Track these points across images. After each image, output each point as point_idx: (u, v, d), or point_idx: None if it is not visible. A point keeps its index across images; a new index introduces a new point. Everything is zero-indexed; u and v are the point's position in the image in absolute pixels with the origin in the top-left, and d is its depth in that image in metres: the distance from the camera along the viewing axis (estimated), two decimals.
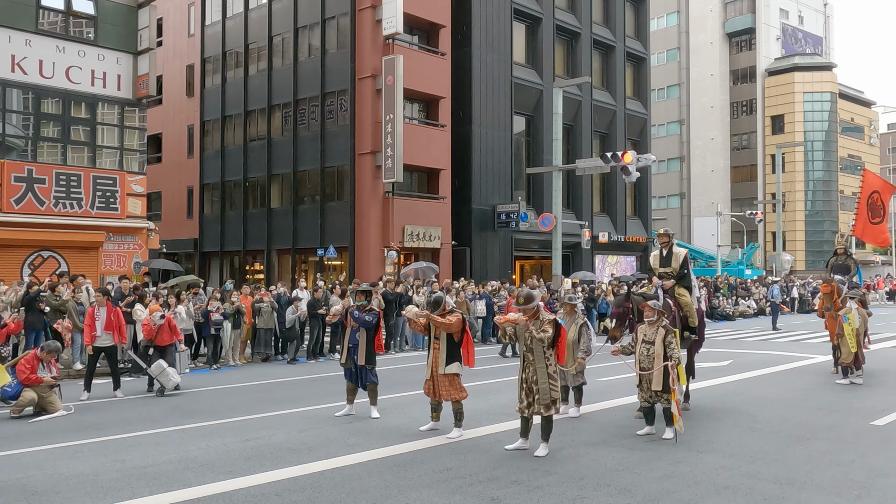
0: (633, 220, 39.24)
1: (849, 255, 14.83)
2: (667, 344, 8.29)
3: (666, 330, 8.39)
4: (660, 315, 8.51)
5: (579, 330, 9.69)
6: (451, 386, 8.59)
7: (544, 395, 7.54)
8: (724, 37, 62.15)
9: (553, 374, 7.62)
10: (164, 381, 11.96)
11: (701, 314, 10.87)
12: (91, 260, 21.13)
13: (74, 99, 21.37)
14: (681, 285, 10.15)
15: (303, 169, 29.71)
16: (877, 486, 6.58)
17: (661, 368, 8.21)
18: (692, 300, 10.15)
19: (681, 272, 10.18)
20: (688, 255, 10.29)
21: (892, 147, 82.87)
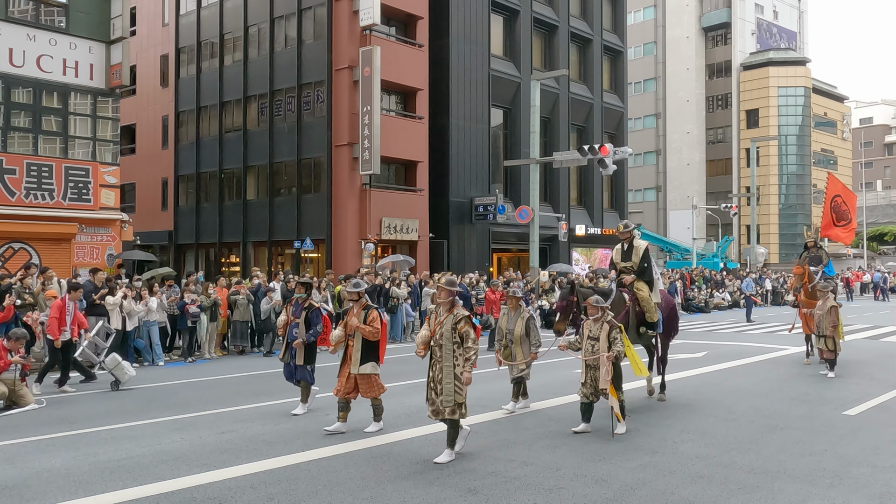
0: (610, 213, 39.44)
1: (819, 247, 15.18)
2: (612, 340, 8.03)
3: (611, 325, 8.11)
4: (603, 311, 8.21)
5: (526, 324, 9.46)
6: (369, 384, 8.32)
7: (447, 398, 7.12)
8: (699, 31, 62.58)
9: (461, 374, 7.14)
10: (118, 375, 11.74)
11: (674, 306, 10.71)
12: (63, 252, 20.82)
13: (46, 88, 21.02)
14: (641, 279, 9.84)
15: (279, 160, 29.49)
16: (848, 475, 6.67)
17: (608, 367, 7.94)
18: (654, 294, 9.86)
19: (641, 266, 9.86)
20: (649, 249, 10.03)
21: (865, 142, 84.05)
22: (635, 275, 9.83)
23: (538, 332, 9.50)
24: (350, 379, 8.31)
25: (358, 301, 8.45)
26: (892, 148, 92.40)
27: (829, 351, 12.73)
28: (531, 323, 9.49)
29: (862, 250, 62.07)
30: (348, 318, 8.42)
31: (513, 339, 9.47)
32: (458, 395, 7.14)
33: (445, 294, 7.37)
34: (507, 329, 9.56)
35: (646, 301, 9.74)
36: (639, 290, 9.76)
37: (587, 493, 6.16)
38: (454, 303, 7.37)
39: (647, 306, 9.75)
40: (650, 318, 9.76)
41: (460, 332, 7.19)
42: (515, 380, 9.67)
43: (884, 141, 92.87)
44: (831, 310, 12.65)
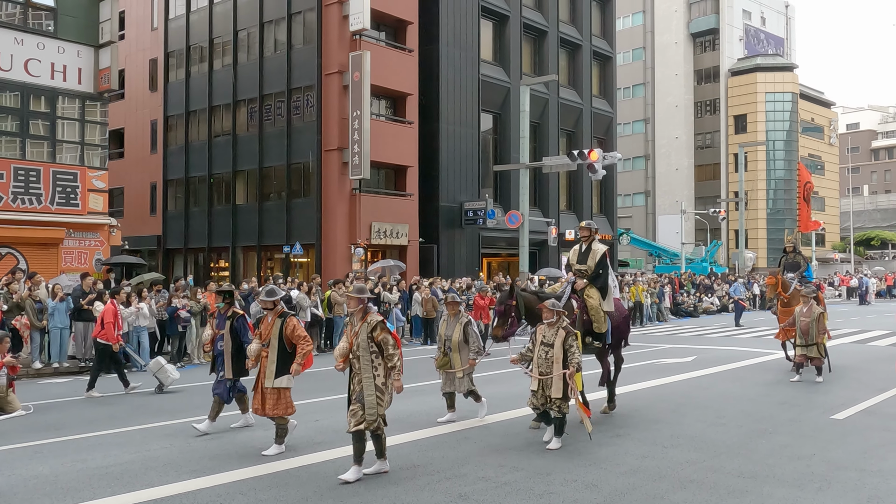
0: (600, 218, 39.52)
1: (798, 252, 15.03)
2: (567, 347, 7.67)
3: (566, 332, 7.74)
4: (559, 316, 7.83)
5: (464, 329, 9.14)
6: (278, 401, 7.74)
7: (370, 410, 6.66)
8: (688, 37, 62.90)
9: (382, 385, 6.77)
10: (162, 378, 11.84)
11: (627, 315, 10.15)
12: (51, 257, 20.71)
13: (34, 92, 20.92)
14: (593, 286, 9.19)
15: (268, 165, 29.42)
16: (836, 479, 6.70)
17: (560, 374, 7.61)
18: (606, 303, 9.22)
19: (595, 271, 9.19)
20: (607, 254, 9.36)
21: (851, 147, 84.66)
22: (588, 280, 9.22)
23: (478, 337, 9.20)
24: (261, 394, 7.80)
25: (273, 309, 7.93)
26: (879, 153, 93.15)
27: (819, 357, 12.54)
28: (469, 329, 9.16)
29: (849, 255, 62.47)
30: (262, 328, 7.92)
31: (451, 346, 9.13)
32: (380, 406, 6.73)
33: (355, 302, 6.94)
34: (446, 336, 9.22)
35: (594, 310, 9.12)
36: (588, 298, 9.15)
37: (577, 497, 6.17)
38: (367, 310, 6.96)
39: (596, 315, 9.12)
40: (598, 328, 9.16)
41: (377, 340, 6.78)
42: (447, 394, 9.27)
43: (870, 146, 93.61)
44: (820, 317, 12.52)
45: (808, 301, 12.76)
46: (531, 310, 8.60)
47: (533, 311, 8.57)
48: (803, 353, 12.61)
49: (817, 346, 12.53)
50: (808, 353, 12.58)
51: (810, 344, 12.51)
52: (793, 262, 14.83)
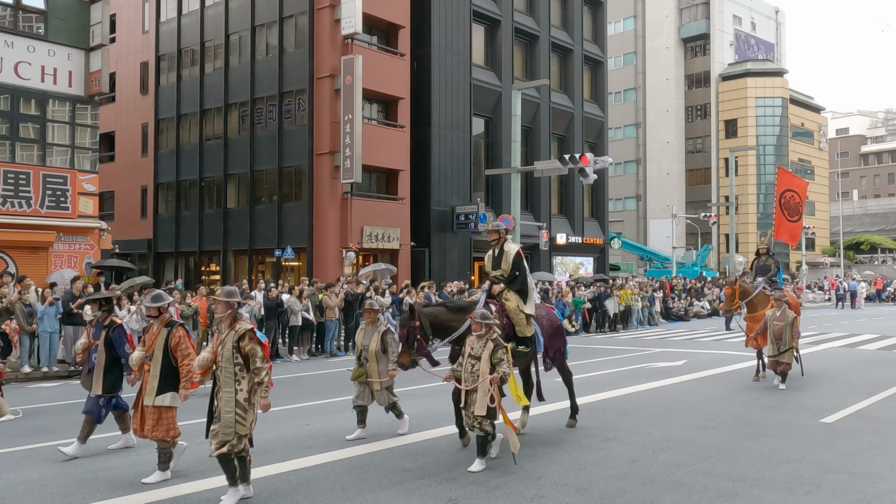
0: (591, 222, 39.64)
1: (771, 255, 14.52)
2: (495, 361, 7.11)
3: (495, 344, 7.19)
4: (489, 328, 7.27)
5: (382, 338, 8.62)
6: (158, 421, 7.00)
7: (227, 429, 6.03)
8: (679, 42, 63.17)
9: (244, 402, 6.12)
10: None
11: (559, 325, 9.36)
12: (41, 260, 20.60)
13: (24, 95, 20.82)
14: (510, 289, 8.49)
15: (260, 169, 29.38)
16: (826, 482, 6.74)
17: (486, 392, 7.04)
18: (527, 306, 8.49)
19: (511, 273, 8.48)
20: (521, 254, 8.64)
21: (841, 152, 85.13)
22: (505, 283, 8.52)
23: (398, 346, 8.35)
24: (140, 411, 7.10)
25: (158, 317, 7.15)
26: (868, 158, 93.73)
27: (787, 364, 12.14)
28: (388, 337, 8.65)
29: (839, 259, 62.78)
30: (146, 337, 7.22)
31: (367, 356, 8.60)
32: (241, 425, 6.08)
33: (223, 307, 6.28)
34: (363, 345, 8.69)
35: (514, 312, 8.39)
36: (506, 301, 8.45)
37: (568, 501, 6.18)
38: (236, 317, 6.30)
39: (516, 317, 8.38)
40: (521, 331, 8.38)
41: (244, 351, 6.12)
42: (359, 407, 8.67)
43: (860, 151, 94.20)
44: (794, 321, 12.23)
45: (781, 305, 12.39)
46: (441, 325, 8.00)
47: (444, 325, 8.00)
48: (775, 360, 12.17)
49: (790, 352, 12.15)
50: (780, 359, 12.12)
51: (784, 350, 12.09)
52: (764, 266, 14.35)
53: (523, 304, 8.43)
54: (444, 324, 8.02)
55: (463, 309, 8.16)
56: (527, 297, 8.50)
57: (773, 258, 14.41)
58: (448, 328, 8.02)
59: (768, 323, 12.31)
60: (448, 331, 8.03)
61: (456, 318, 8.05)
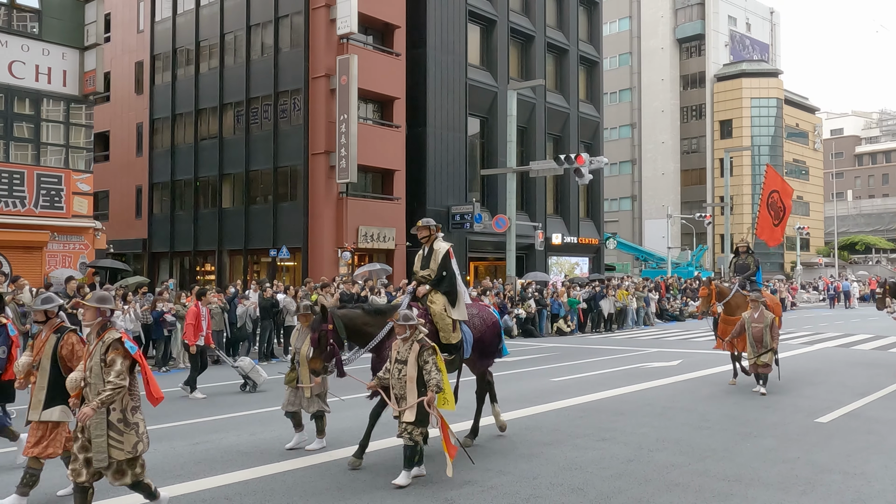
0: (586, 222, 39.68)
1: (750, 252, 13.89)
2: (421, 363, 6.66)
3: (421, 346, 6.71)
4: (413, 329, 6.79)
5: None
6: (42, 438, 6.14)
7: (99, 454, 5.33)
8: (674, 42, 63.29)
9: (118, 423, 5.38)
10: (255, 378, 12.15)
11: (494, 324, 8.50)
12: (35, 260, 20.54)
13: (18, 94, 20.77)
14: (438, 290, 7.85)
15: (255, 168, 29.34)
16: (821, 482, 6.74)
17: (415, 398, 6.62)
18: (456, 309, 7.84)
19: (438, 274, 7.89)
20: (451, 253, 8.04)
21: (836, 152, 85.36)
22: (431, 285, 7.90)
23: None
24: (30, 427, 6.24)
25: (46, 322, 6.30)
26: (863, 158, 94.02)
27: (767, 366, 11.62)
28: None
29: (833, 259, 62.96)
30: (34, 344, 6.38)
31: (300, 359, 8.10)
32: (117, 449, 5.36)
33: (92, 314, 5.52)
34: (296, 348, 8.26)
35: (438, 316, 7.72)
36: (431, 304, 7.82)
37: (563, 501, 6.17)
38: (107, 325, 5.55)
39: (441, 323, 7.70)
40: (445, 337, 7.69)
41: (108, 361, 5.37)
42: (291, 413, 8.16)
43: (854, 151, 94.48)
44: (773, 322, 11.77)
45: (758, 306, 11.89)
46: (357, 329, 7.46)
47: (360, 329, 7.47)
48: (755, 363, 11.65)
49: (769, 354, 11.63)
50: (759, 361, 11.57)
51: (764, 352, 11.57)
52: (742, 264, 13.72)
53: (451, 308, 7.79)
54: (360, 328, 7.47)
55: (382, 312, 7.65)
56: (455, 301, 7.87)
57: (752, 256, 13.80)
58: (365, 333, 7.49)
59: (746, 325, 11.80)
60: (366, 336, 7.49)
61: (374, 322, 7.52)
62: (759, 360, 11.60)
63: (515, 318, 23.44)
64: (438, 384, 6.61)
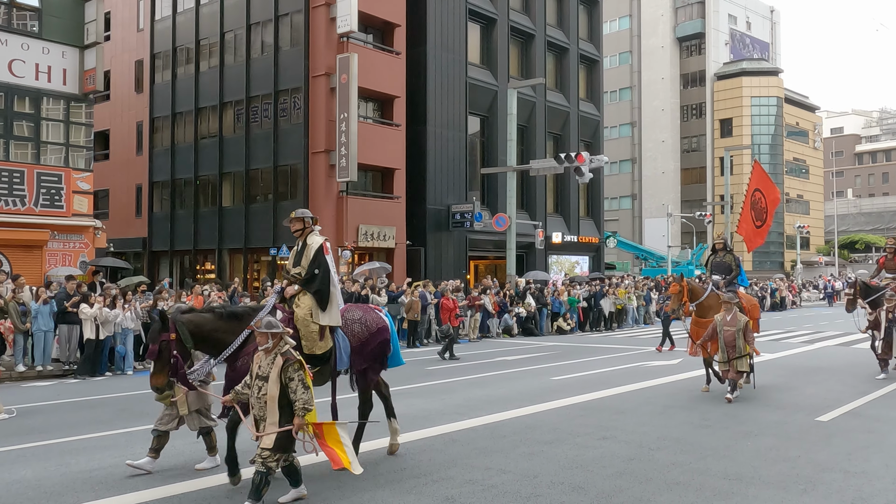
0: (586, 221, 39.67)
1: (728, 250, 12.95)
2: (286, 381, 5.79)
3: (286, 359, 5.81)
4: (277, 338, 5.90)
5: None
6: None
7: None
8: (674, 41, 63.28)
9: None
10: None
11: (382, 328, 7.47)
12: (35, 259, 20.55)
13: (18, 93, 20.76)
14: (307, 291, 6.94)
15: (255, 167, 29.33)
16: (821, 481, 6.74)
17: (275, 421, 5.81)
18: (326, 314, 6.92)
19: (309, 272, 6.97)
20: (326, 248, 7.10)
21: (836, 151, 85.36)
22: (300, 285, 7.01)
23: (205, 360, 7.04)
24: None
25: None
26: (863, 157, 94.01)
27: (741, 372, 10.88)
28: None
29: (833, 258, 62.96)
30: None
31: None
32: None
33: None
34: None
35: (303, 322, 6.84)
36: (297, 307, 6.93)
37: (564, 500, 6.17)
38: None
39: (305, 329, 6.83)
40: (308, 347, 6.80)
41: None
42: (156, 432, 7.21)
43: (854, 150, 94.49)
44: (747, 326, 10.96)
45: (731, 308, 11.12)
46: (207, 336, 6.51)
47: (211, 336, 6.52)
48: (725, 368, 10.93)
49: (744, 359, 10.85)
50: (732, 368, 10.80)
51: (738, 357, 10.78)
52: (720, 263, 12.74)
53: (319, 312, 6.87)
54: (210, 335, 6.52)
55: (238, 316, 6.67)
56: (326, 303, 6.90)
57: (731, 254, 12.84)
58: (218, 341, 6.54)
59: (718, 329, 11.00)
60: (219, 344, 6.54)
61: (228, 329, 6.58)
62: (733, 365, 10.77)
63: (516, 316, 23.45)
64: (307, 405, 5.78)
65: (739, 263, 12.79)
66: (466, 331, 21.91)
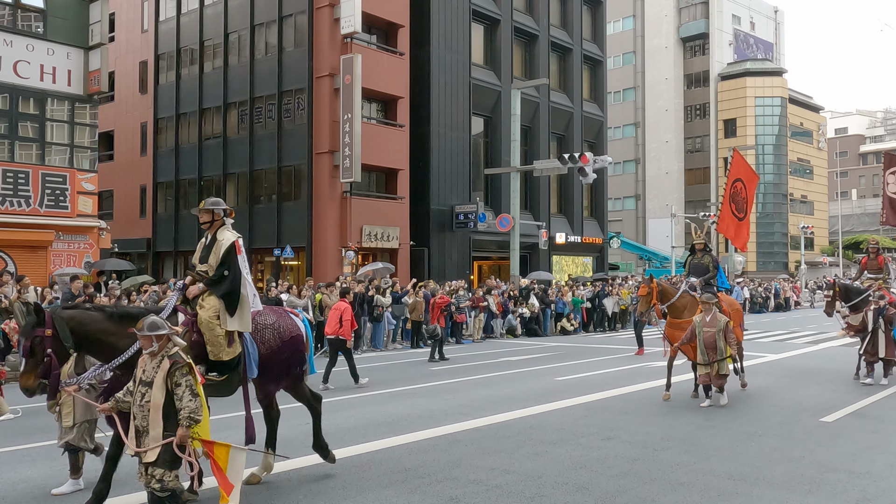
0: (590, 222, 39.64)
1: (708, 251, 12.39)
2: (172, 386, 5.09)
3: (172, 363, 5.13)
4: (163, 340, 5.22)
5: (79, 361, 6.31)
6: None
7: None
8: (678, 41, 63.18)
9: None
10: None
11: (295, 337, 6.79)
12: (40, 259, 20.60)
13: (23, 94, 20.81)
14: (213, 293, 6.24)
15: (259, 168, 29.36)
16: (826, 481, 6.74)
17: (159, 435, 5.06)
18: (236, 319, 6.25)
19: (218, 272, 6.29)
20: (238, 247, 6.41)
21: (840, 151, 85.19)
22: (206, 284, 6.33)
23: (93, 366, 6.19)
24: None
25: None
26: (867, 157, 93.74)
27: (724, 376, 10.42)
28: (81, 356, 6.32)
29: (838, 258, 62.83)
30: None
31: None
32: None
33: None
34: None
35: (207, 326, 6.16)
36: (201, 308, 6.25)
37: (568, 500, 6.17)
38: None
39: (210, 334, 6.16)
40: (213, 353, 6.17)
41: None
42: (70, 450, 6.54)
43: (858, 151, 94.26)
44: (727, 326, 10.49)
45: (710, 309, 10.63)
46: (92, 337, 5.72)
47: (95, 337, 5.73)
48: (708, 373, 10.43)
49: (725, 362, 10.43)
50: (713, 371, 10.38)
51: (719, 360, 10.34)
52: (698, 264, 12.13)
53: (227, 316, 6.22)
54: (97, 337, 5.73)
55: (133, 317, 5.76)
56: (235, 307, 6.25)
57: (709, 255, 12.28)
58: (108, 345, 5.75)
59: (697, 330, 10.48)
60: (109, 349, 5.75)
61: (120, 332, 5.76)
62: (712, 370, 10.35)
63: (519, 317, 23.46)
64: (193, 415, 5.04)
65: (718, 264, 12.27)
66: (470, 331, 21.93)
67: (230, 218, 6.68)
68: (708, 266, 12.04)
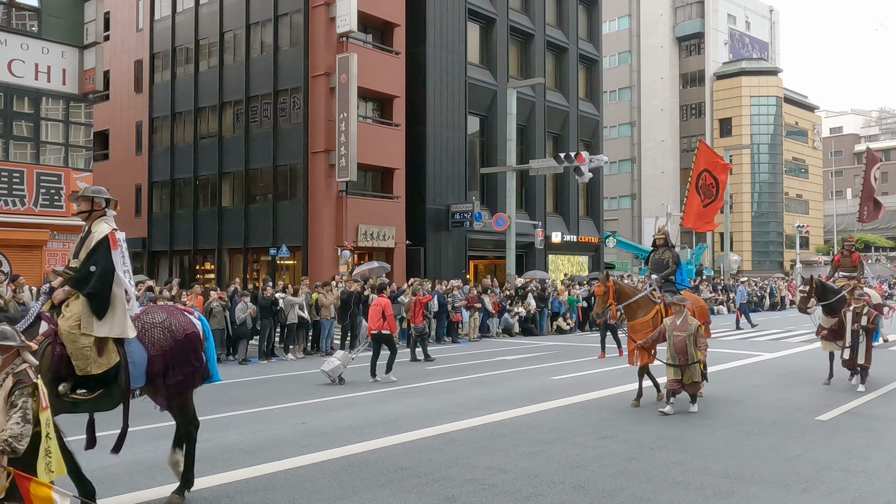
0: (586, 221, 39.68)
1: (670, 247, 11.76)
2: (9, 405, 4.36)
3: (16, 381, 4.40)
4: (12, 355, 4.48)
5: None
6: None
7: None
8: (673, 41, 63.27)
9: None
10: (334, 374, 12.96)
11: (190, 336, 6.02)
12: (35, 259, 20.53)
13: (17, 93, 20.73)
14: (79, 293, 5.47)
15: (255, 167, 29.33)
16: (821, 479, 6.74)
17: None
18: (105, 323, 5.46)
19: (84, 269, 5.49)
20: (113, 240, 5.62)
21: (835, 151, 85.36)
22: (72, 284, 5.52)
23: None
24: None
25: None
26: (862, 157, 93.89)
27: (696, 383, 9.97)
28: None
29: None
30: None
31: None
32: None
33: None
34: None
35: (69, 336, 5.33)
36: (62, 318, 5.43)
37: (565, 499, 6.17)
38: None
39: (73, 346, 5.33)
40: (81, 367, 5.33)
41: None
42: None
43: (853, 150, 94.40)
44: (698, 330, 9.92)
45: (681, 311, 10.00)
46: None
47: None
48: (677, 378, 9.91)
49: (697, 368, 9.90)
50: (686, 379, 9.86)
51: (689, 364, 9.82)
52: (658, 260, 11.59)
53: (94, 322, 5.41)
54: None
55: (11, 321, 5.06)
56: (104, 310, 5.46)
57: (671, 251, 11.66)
58: None
59: (667, 333, 9.97)
60: None
61: None
62: (686, 375, 9.85)
63: (516, 316, 23.46)
64: (14, 440, 4.27)
65: (678, 260, 11.60)
66: (467, 330, 21.92)
67: (113, 210, 5.90)
68: (668, 262, 11.49)
